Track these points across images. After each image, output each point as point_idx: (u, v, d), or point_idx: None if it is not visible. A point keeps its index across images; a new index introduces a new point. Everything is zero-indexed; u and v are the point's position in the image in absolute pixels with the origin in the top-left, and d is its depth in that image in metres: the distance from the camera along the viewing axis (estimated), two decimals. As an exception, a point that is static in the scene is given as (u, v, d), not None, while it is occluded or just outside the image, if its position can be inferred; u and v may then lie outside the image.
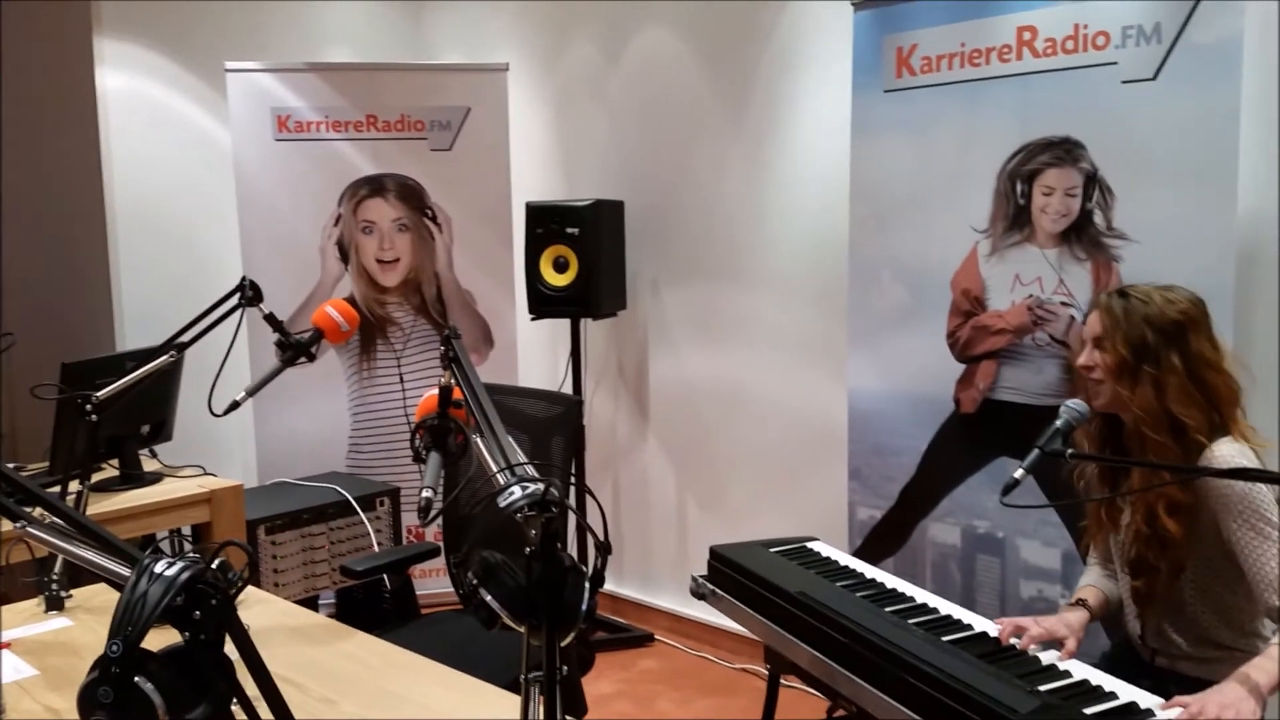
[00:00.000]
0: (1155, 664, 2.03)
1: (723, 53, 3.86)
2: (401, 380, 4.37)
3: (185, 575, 1.06)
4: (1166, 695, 1.70)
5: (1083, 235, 2.76)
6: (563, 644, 1.17)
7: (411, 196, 4.31)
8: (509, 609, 1.19)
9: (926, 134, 3.04)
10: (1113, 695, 1.70)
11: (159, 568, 1.06)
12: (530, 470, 1.23)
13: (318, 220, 4.24)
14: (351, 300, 4.26)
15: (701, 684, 3.74)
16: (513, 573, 1.21)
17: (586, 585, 1.20)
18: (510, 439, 1.28)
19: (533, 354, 4.53)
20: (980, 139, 2.93)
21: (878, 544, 3.23)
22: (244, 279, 2.29)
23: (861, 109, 3.17)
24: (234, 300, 2.26)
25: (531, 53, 4.54)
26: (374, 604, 3.62)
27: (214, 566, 1.16)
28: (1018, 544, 2.94)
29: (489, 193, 4.33)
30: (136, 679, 1.02)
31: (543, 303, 3.98)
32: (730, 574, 2.37)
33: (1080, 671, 1.81)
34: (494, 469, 1.23)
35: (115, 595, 2.05)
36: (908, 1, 3.04)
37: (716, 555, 2.44)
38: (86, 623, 2.17)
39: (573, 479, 1.18)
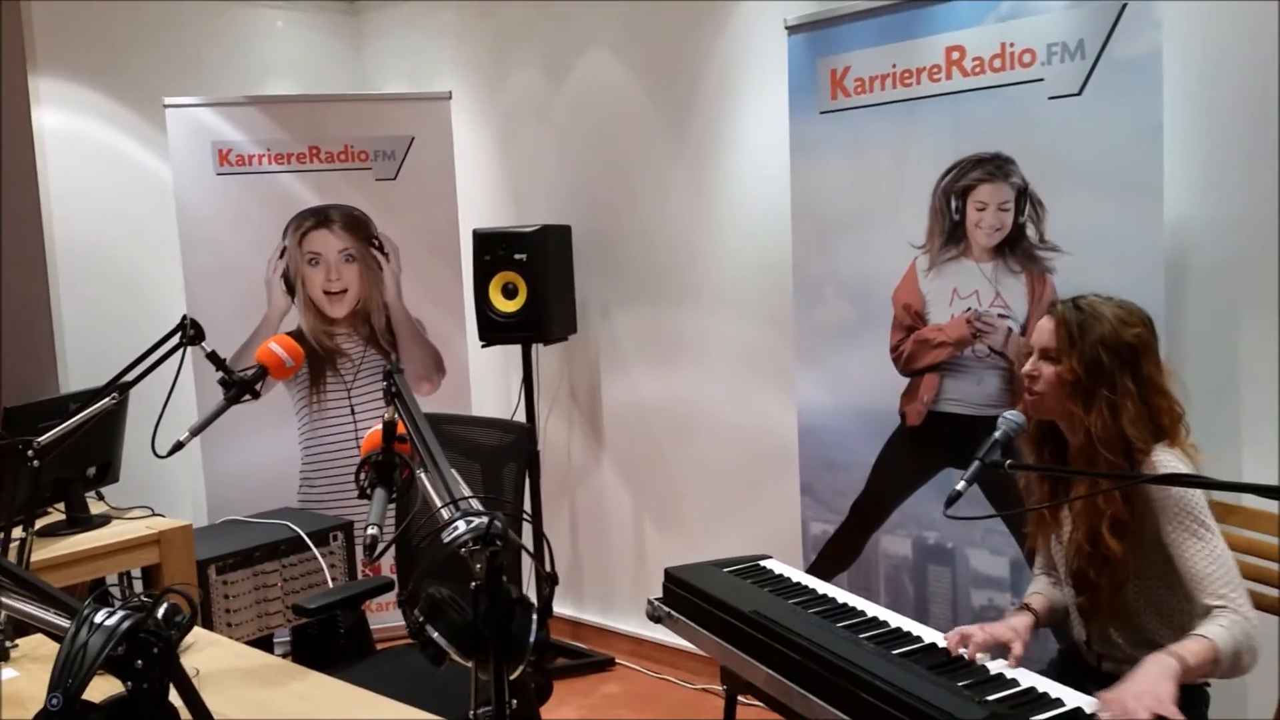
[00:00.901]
0: (1102, 669, 2.07)
1: (663, 76, 3.90)
2: (353, 412, 4.34)
3: (126, 624, 1.05)
4: None
5: (1016, 248, 2.83)
6: (512, 677, 1.18)
7: (357, 227, 4.30)
8: (456, 645, 1.20)
9: (863, 153, 3.10)
10: (1059, 702, 1.74)
11: (99, 617, 1.06)
12: (475, 504, 1.23)
13: (262, 253, 4.22)
14: (299, 333, 4.24)
15: (663, 706, 3.75)
16: (459, 608, 1.22)
17: (534, 617, 1.21)
18: (454, 472, 1.29)
19: (485, 381, 4.53)
20: (915, 157, 2.99)
21: (831, 558, 3.26)
22: (185, 318, 2.28)
23: (799, 130, 3.22)
24: (175, 339, 2.24)
25: (474, 80, 4.56)
26: (330, 640, 3.59)
27: (161, 611, 1.15)
28: (967, 554, 2.99)
29: (436, 221, 4.33)
30: (79, 731, 1.02)
31: (493, 329, 3.98)
32: (685, 596, 2.38)
33: (1027, 680, 1.84)
34: (438, 503, 1.24)
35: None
36: (840, 25, 3.10)
37: (671, 577, 2.46)
38: (33, 672, 2.14)
39: (526, 513, 1.18)
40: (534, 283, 3.90)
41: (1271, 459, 2.63)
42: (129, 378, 2.24)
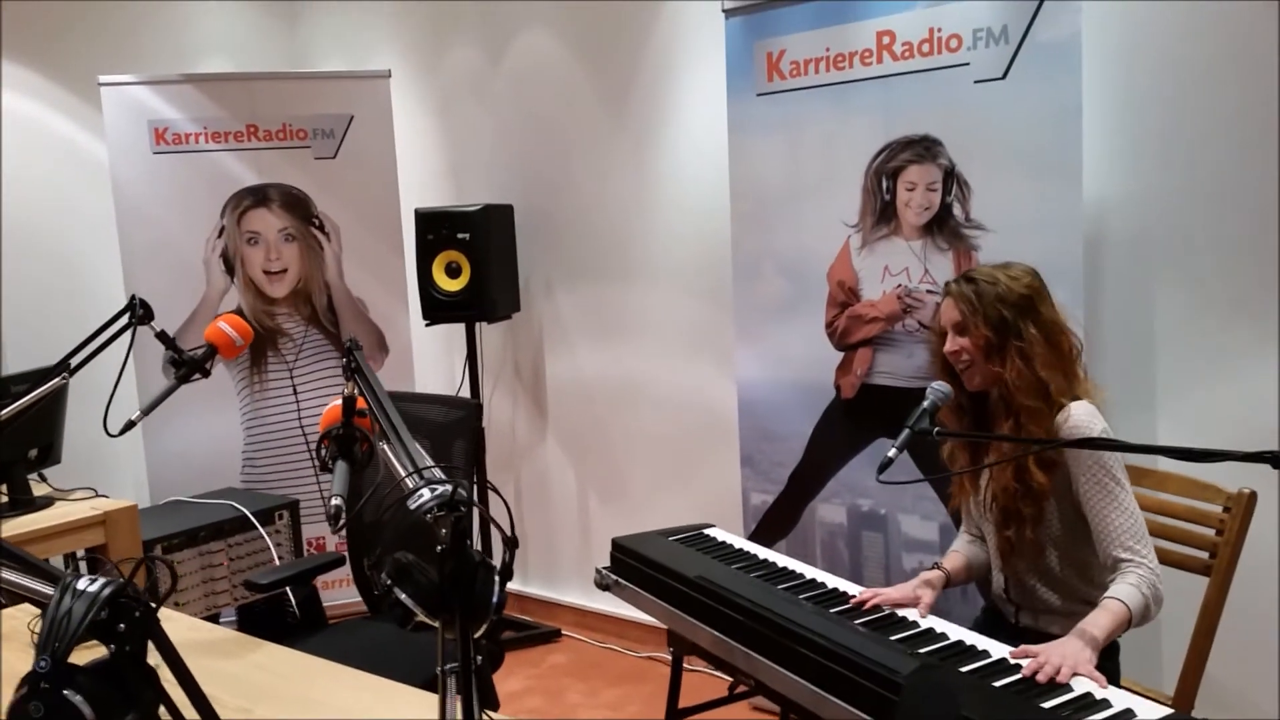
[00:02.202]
0: (1020, 624, 2.20)
1: (602, 55, 3.96)
2: (295, 392, 4.35)
3: (108, 590, 1.10)
4: None
5: (944, 227, 2.94)
6: (476, 636, 1.25)
7: (297, 206, 4.29)
8: (423, 606, 1.26)
9: (798, 134, 3.19)
10: (985, 653, 1.86)
11: (81, 585, 1.11)
12: (437, 473, 1.30)
13: (201, 233, 4.20)
14: (240, 313, 4.23)
15: (609, 675, 3.84)
16: (424, 571, 1.28)
17: (496, 579, 1.28)
18: (417, 444, 1.35)
19: (428, 359, 4.57)
20: (847, 138, 3.09)
21: (771, 527, 3.38)
22: (134, 297, 2.28)
23: (737, 111, 3.30)
24: (125, 319, 2.25)
25: (412, 58, 4.56)
26: (276, 618, 3.62)
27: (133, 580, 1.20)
28: (899, 519, 3.12)
29: (376, 200, 4.34)
30: (66, 692, 1.07)
31: (437, 308, 4.01)
32: (632, 564, 2.47)
33: (956, 634, 1.96)
34: (402, 473, 1.30)
35: (18, 621, 2.07)
36: (775, 8, 3.18)
37: (618, 546, 2.54)
38: (-12, 650, 2.15)
39: (490, 484, 1.26)
40: (477, 262, 3.94)
41: (1185, 423, 2.79)
42: (78, 358, 2.24)
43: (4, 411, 2.15)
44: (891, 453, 2.01)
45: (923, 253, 2.98)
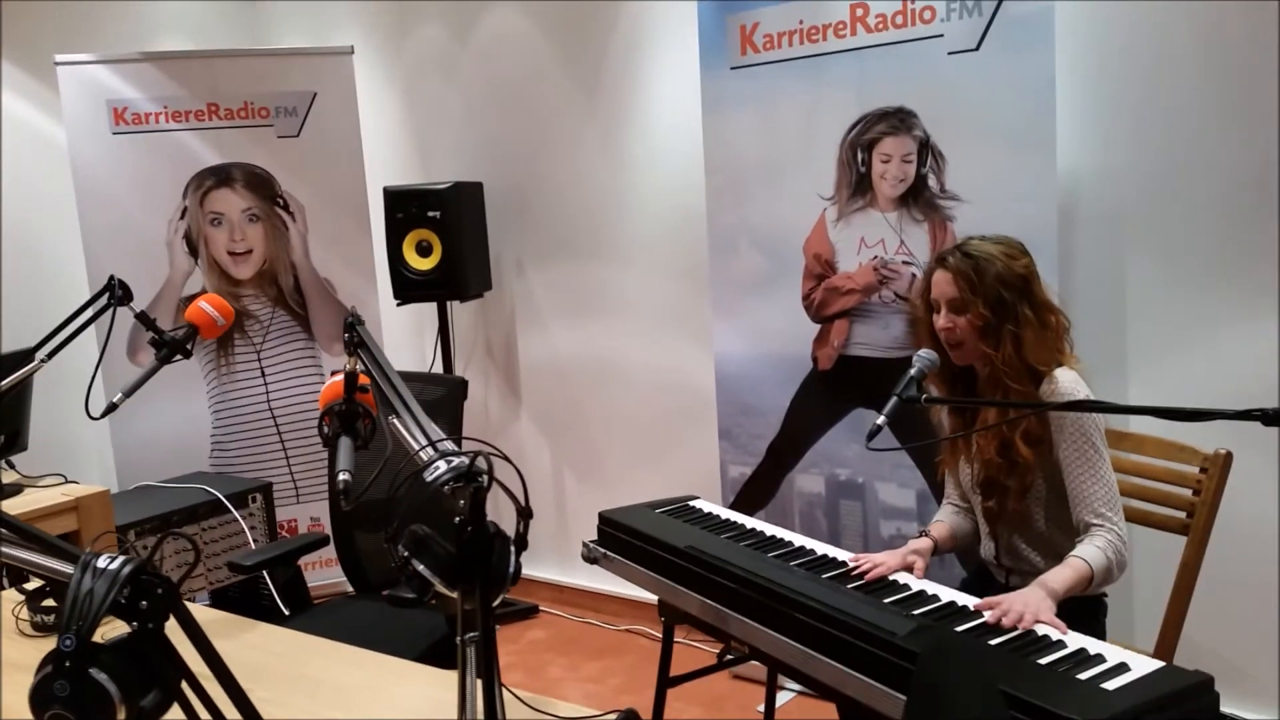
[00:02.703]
0: (1009, 585, 2.24)
1: (571, 31, 3.93)
2: (263, 374, 4.30)
3: (128, 569, 1.09)
4: None
5: (919, 198, 2.97)
6: (494, 604, 1.26)
7: (261, 185, 4.23)
8: (441, 576, 1.26)
9: (773, 108, 3.20)
10: (978, 614, 1.89)
11: (101, 563, 1.09)
12: (450, 445, 1.30)
13: (163, 214, 4.12)
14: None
15: (589, 649, 3.86)
16: (440, 543, 1.28)
17: (511, 549, 1.29)
18: (428, 417, 1.35)
19: (399, 339, 4.53)
20: (822, 111, 3.11)
21: (749, 498, 3.40)
22: (112, 278, 2.26)
23: (710, 86, 3.30)
24: (104, 300, 2.22)
25: (375, 35, 4.50)
26: (251, 601, 3.59)
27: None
28: (876, 487, 3.16)
29: (342, 178, 4.28)
30: (91, 671, 1.06)
31: (408, 287, 3.99)
32: (620, 536, 2.48)
33: (948, 595, 1.99)
34: (415, 446, 1.30)
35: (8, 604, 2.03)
36: (748, -19, 3.19)
37: (605, 520, 2.55)
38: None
39: (492, 449, 1.25)
40: (448, 240, 3.91)
41: (1156, 389, 2.85)
42: (55, 341, 2.20)
43: (-17, 395, 2.11)
44: (880, 420, 2.03)
45: (898, 224, 3.01)
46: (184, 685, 1.13)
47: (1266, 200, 2.66)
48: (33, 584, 2.32)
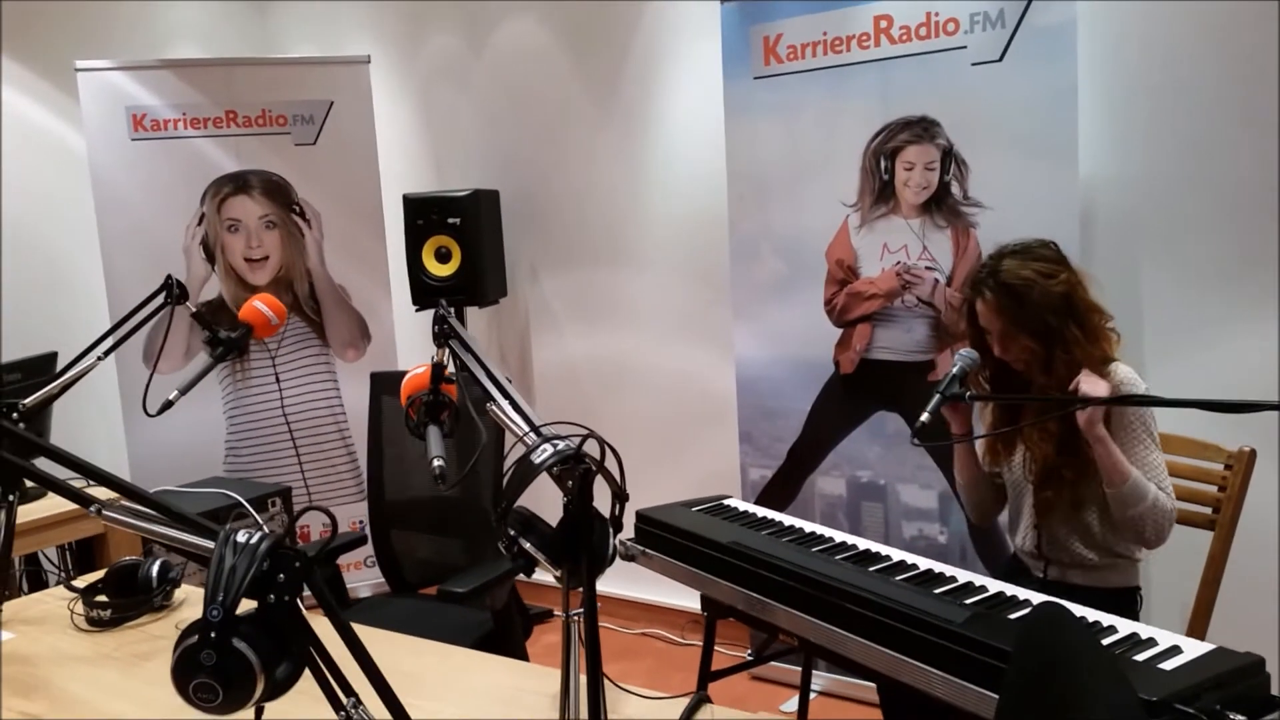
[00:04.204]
0: (1047, 577, 2.31)
1: (590, 42, 3.99)
2: (278, 380, 4.32)
3: (266, 544, 1.14)
4: None
5: (942, 205, 3.05)
6: (598, 578, 1.31)
7: (277, 192, 4.26)
8: (547, 554, 1.31)
9: (796, 117, 3.27)
10: (1027, 603, 1.95)
11: (240, 538, 1.14)
12: (552, 430, 1.35)
13: (180, 220, 4.15)
14: (220, 302, 4.19)
15: (605, 652, 3.86)
16: (544, 523, 1.33)
17: (610, 530, 1.34)
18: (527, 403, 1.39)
19: (412, 346, 4.56)
20: (845, 120, 3.18)
21: (769, 501, 3.46)
22: (169, 277, 2.29)
23: (733, 95, 3.37)
24: (160, 299, 2.25)
25: (389, 45, 4.55)
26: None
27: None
28: (898, 489, 3.22)
29: (357, 186, 4.32)
30: (234, 641, 1.10)
31: (427, 293, 4.03)
32: (659, 534, 2.52)
33: (995, 586, 2.05)
34: (520, 431, 1.35)
35: (51, 605, 2.07)
36: (772, -7, 3.26)
37: (643, 518, 2.58)
38: (28, 633, 2.14)
39: (588, 431, 1.30)
40: (468, 246, 3.96)
41: (1171, 389, 2.91)
42: (111, 339, 2.23)
43: (39, 395, 2.14)
44: (925, 417, 2.09)
45: (921, 230, 3.09)
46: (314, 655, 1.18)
47: (1278, 206, 2.76)
48: (84, 581, 2.35)
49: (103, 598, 2.23)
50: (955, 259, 3.04)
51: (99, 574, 2.34)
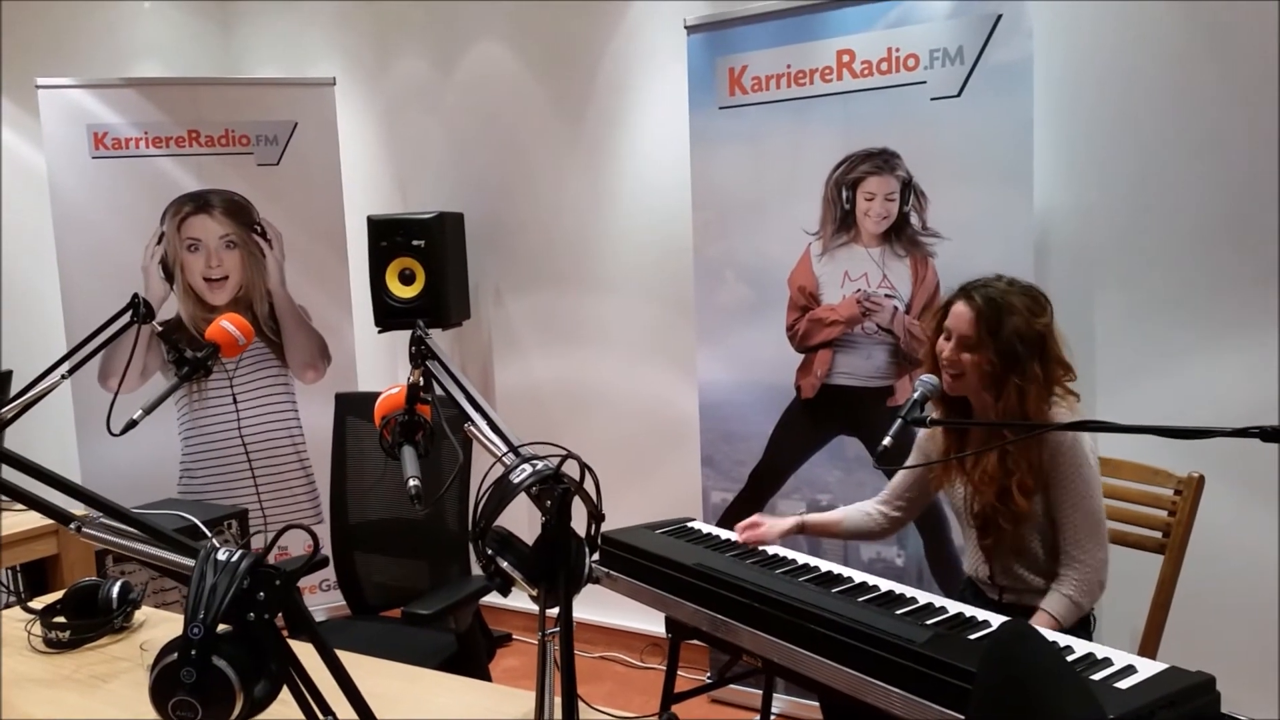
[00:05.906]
0: (1003, 601, 2.35)
1: (558, 70, 4.03)
2: (235, 400, 4.28)
3: (247, 562, 1.14)
4: None
5: (901, 235, 3.12)
6: (575, 597, 1.32)
7: (239, 212, 4.24)
8: (524, 573, 1.33)
9: (760, 147, 3.33)
10: (986, 623, 2.00)
11: (220, 556, 1.14)
12: (531, 450, 1.37)
13: (140, 239, 4.11)
14: (178, 321, 4.16)
15: (565, 675, 3.88)
16: (522, 543, 1.35)
17: (586, 550, 1.36)
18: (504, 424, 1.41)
19: (374, 367, 4.55)
20: (808, 151, 3.24)
21: (730, 524, 3.45)
22: (136, 296, 2.28)
23: (699, 124, 3.43)
24: (126, 318, 2.24)
25: (355, 67, 4.56)
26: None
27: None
28: (857, 513, 3.26)
29: (320, 207, 4.32)
30: (214, 659, 1.10)
31: (390, 315, 4.02)
32: (623, 555, 2.54)
33: (954, 608, 2.09)
34: (499, 451, 1.37)
35: (6, 627, 2.04)
36: (737, 26, 3.32)
37: (608, 540, 2.60)
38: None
39: (567, 452, 1.33)
40: (432, 269, 3.97)
41: (1123, 417, 2.99)
42: (75, 359, 2.22)
43: (7, 408, 2.12)
44: (887, 441, 2.13)
45: (881, 259, 3.15)
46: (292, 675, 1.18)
47: (1228, 238, 2.86)
48: (42, 602, 2.31)
49: (61, 619, 2.20)
50: (914, 287, 3.11)
51: (57, 595, 2.31)
